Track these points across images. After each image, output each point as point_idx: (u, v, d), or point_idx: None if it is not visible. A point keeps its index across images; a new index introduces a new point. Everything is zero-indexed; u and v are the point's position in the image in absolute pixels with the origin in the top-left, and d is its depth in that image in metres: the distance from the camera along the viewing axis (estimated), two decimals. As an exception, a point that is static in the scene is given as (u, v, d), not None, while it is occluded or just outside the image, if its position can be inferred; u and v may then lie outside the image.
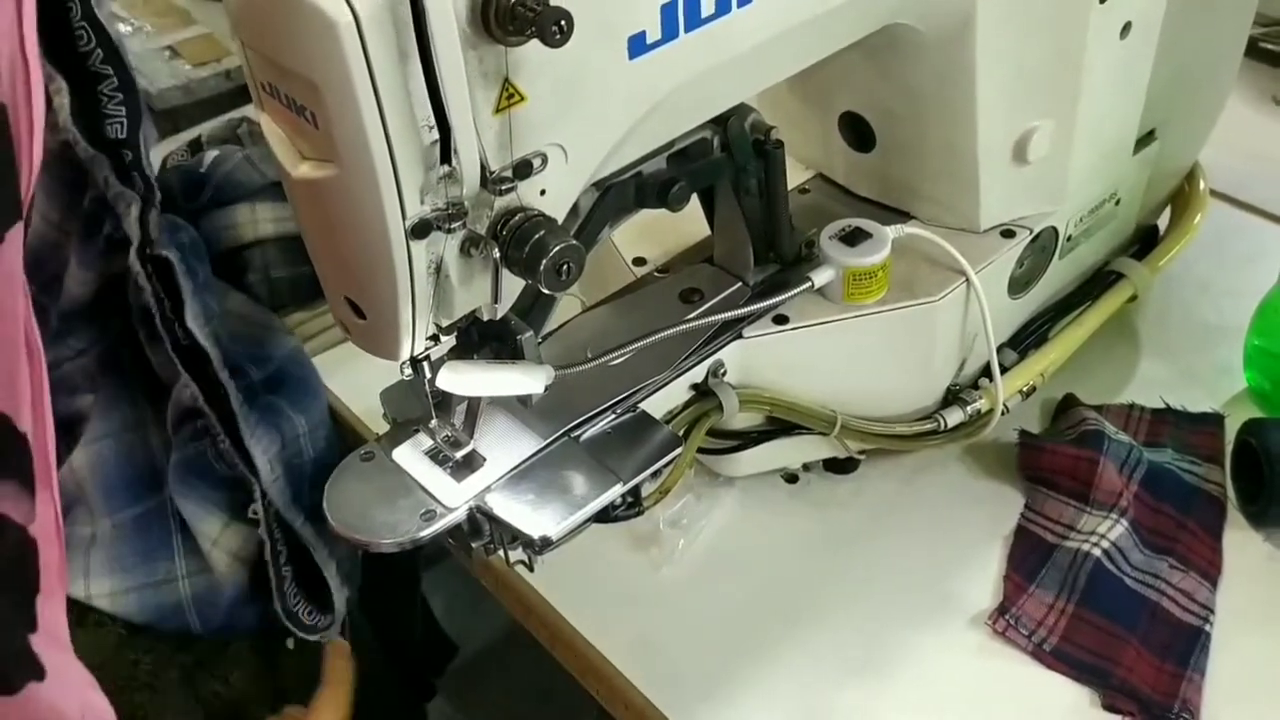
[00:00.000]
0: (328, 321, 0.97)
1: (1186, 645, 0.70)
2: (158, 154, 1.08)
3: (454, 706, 1.41)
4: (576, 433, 0.66)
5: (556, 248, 0.53)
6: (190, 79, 1.31)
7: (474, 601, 1.41)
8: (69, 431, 0.82)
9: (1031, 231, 0.78)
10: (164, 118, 1.28)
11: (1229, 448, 0.80)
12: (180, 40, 1.38)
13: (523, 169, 0.53)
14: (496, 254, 0.54)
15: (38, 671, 0.43)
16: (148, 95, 1.29)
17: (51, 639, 0.45)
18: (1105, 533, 0.74)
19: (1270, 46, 1.20)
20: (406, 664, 1.16)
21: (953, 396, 0.78)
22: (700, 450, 0.74)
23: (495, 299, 0.57)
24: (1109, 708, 0.67)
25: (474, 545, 0.64)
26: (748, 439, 0.76)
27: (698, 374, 0.71)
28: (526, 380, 0.60)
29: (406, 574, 1.14)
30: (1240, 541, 0.76)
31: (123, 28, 1.39)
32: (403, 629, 1.16)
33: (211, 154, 0.97)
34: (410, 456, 0.65)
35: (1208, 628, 0.71)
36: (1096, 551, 0.73)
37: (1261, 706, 0.68)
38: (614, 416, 0.67)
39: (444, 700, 1.35)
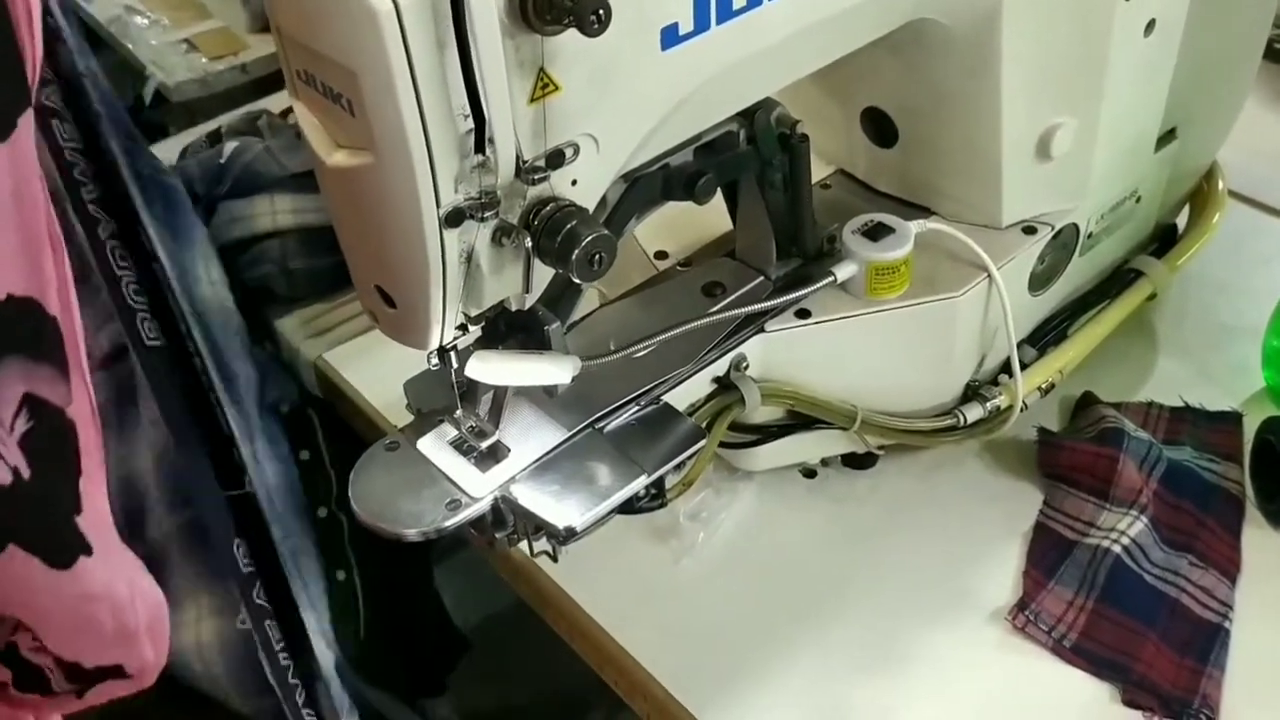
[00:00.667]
0: (346, 314, 0.97)
1: (1206, 642, 0.70)
2: (177, 144, 1.08)
3: (461, 702, 1.41)
4: (600, 424, 0.66)
5: (589, 238, 0.53)
6: (207, 72, 1.32)
7: (481, 597, 1.41)
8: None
9: (1053, 228, 0.78)
10: (181, 110, 1.29)
11: (1248, 446, 0.80)
12: (197, 34, 1.38)
13: (555, 159, 0.53)
14: (529, 243, 0.54)
15: (86, 547, 0.44)
16: (165, 88, 1.29)
17: (97, 520, 0.46)
18: (1125, 529, 0.74)
19: (1286, 48, 1.20)
20: (418, 661, 1.17)
21: (972, 392, 0.79)
22: (720, 444, 0.74)
23: (526, 288, 0.57)
24: (1129, 703, 0.68)
25: (498, 536, 0.65)
26: (767, 433, 0.77)
27: (720, 367, 0.71)
28: (554, 370, 0.61)
29: (420, 570, 1.14)
30: (1259, 539, 0.76)
31: (139, 20, 1.40)
32: (415, 625, 1.16)
33: (231, 145, 0.98)
34: (435, 447, 0.65)
35: (1227, 624, 0.71)
36: (1116, 548, 0.73)
37: (1281, 703, 0.68)
38: (637, 409, 0.67)
39: (450, 696, 1.35)
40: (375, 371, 0.92)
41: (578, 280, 0.54)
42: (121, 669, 0.49)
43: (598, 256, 0.54)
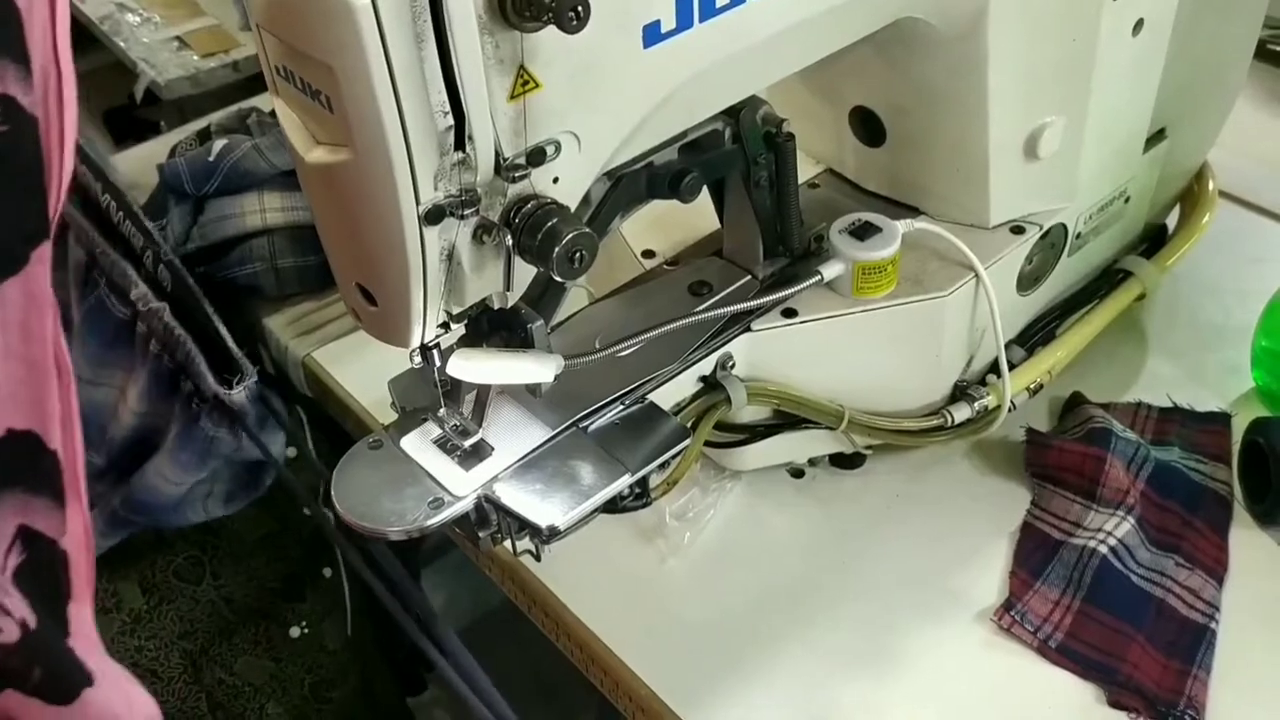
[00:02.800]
0: (335, 312, 0.97)
1: (1192, 643, 0.70)
2: (167, 142, 1.08)
3: (455, 702, 1.40)
4: (585, 423, 0.66)
5: (569, 235, 0.53)
6: (198, 69, 1.32)
7: (474, 597, 1.41)
8: None
9: (1041, 228, 0.78)
10: (172, 108, 1.29)
11: (1236, 447, 0.80)
12: (188, 31, 1.38)
13: (536, 156, 0.53)
14: (509, 241, 0.54)
15: (87, 676, 0.44)
16: (156, 86, 1.29)
17: (85, 640, 0.46)
18: (1112, 530, 0.74)
19: (1278, 49, 1.19)
20: (403, 658, 1.16)
21: (960, 392, 0.78)
22: (707, 444, 0.74)
23: (507, 286, 0.57)
24: (1114, 704, 0.67)
25: (481, 535, 0.64)
26: (754, 433, 0.76)
27: (706, 366, 0.71)
28: (537, 369, 0.60)
29: (406, 568, 1.14)
30: (1246, 540, 0.76)
31: (131, 18, 1.39)
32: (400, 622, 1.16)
33: (220, 143, 0.97)
34: (418, 445, 0.65)
35: (1214, 625, 0.71)
36: (1103, 549, 0.73)
37: (1267, 704, 0.67)
38: (622, 407, 0.67)
39: (443, 696, 1.35)
40: (364, 370, 0.91)
41: (559, 278, 0.54)
42: None
43: (578, 254, 0.53)
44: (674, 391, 0.70)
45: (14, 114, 0.37)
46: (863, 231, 0.73)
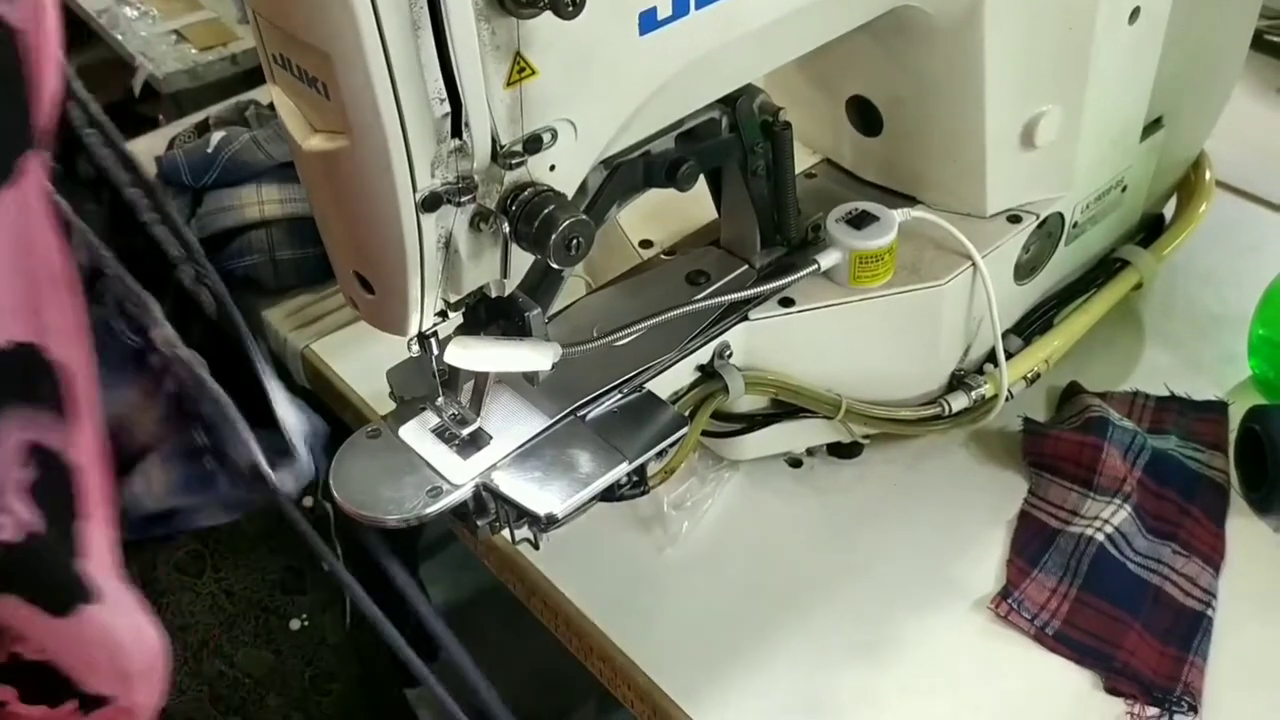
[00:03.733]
0: (334, 304, 0.97)
1: (1189, 630, 0.70)
2: (165, 135, 1.08)
3: (455, 699, 1.41)
4: (582, 412, 0.66)
5: (566, 222, 0.53)
6: (197, 63, 1.32)
7: (475, 594, 1.41)
8: None
9: (1038, 217, 0.78)
10: (170, 101, 1.29)
11: (1233, 435, 0.80)
12: (187, 24, 1.38)
13: (533, 144, 0.53)
14: (506, 228, 0.54)
15: (86, 594, 0.44)
16: (154, 79, 1.29)
17: (98, 563, 0.45)
18: (1109, 518, 0.74)
19: (1276, 39, 1.20)
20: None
21: (957, 382, 0.79)
22: (705, 433, 0.74)
23: (504, 274, 0.57)
24: (1111, 691, 0.68)
25: (479, 523, 0.64)
26: (752, 422, 0.77)
27: (704, 355, 0.71)
28: (534, 357, 0.61)
29: (404, 561, 1.14)
30: (1243, 528, 0.76)
31: (129, 12, 1.40)
32: (399, 614, 1.16)
33: (218, 135, 0.97)
34: (417, 434, 0.65)
35: (1210, 613, 0.71)
36: (1100, 536, 0.73)
37: (1263, 691, 0.68)
38: (620, 396, 0.67)
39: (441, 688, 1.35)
40: (363, 361, 0.91)
41: (555, 265, 0.54)
42: (115, 700, 0.48)
43: (575, 241, 0.53)
44: (671, 380, 0.70)
45: None
46: (860, 221, 0.73)
